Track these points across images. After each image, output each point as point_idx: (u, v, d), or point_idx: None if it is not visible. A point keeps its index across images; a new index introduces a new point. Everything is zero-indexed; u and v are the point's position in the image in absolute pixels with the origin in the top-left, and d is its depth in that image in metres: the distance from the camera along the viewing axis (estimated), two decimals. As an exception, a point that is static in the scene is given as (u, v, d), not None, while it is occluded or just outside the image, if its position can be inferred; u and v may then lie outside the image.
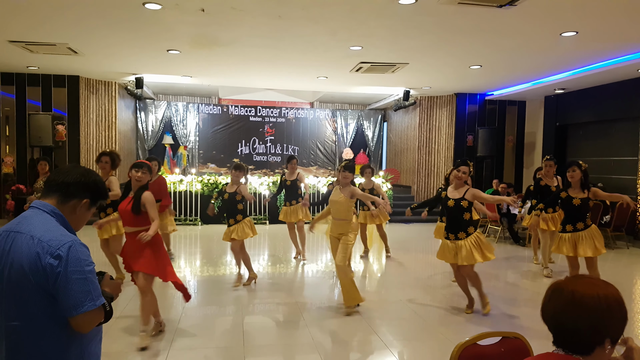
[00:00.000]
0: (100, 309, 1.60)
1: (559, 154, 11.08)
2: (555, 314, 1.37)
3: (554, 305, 1.38)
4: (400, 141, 13.91)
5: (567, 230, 5.03)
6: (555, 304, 1.37)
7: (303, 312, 4.84)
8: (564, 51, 7.49)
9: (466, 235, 4.64)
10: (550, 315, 1.39)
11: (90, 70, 9.82)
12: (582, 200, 4.91)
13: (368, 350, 4.04)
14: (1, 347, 1.58)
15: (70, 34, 6.97)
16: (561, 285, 1.39)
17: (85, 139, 10.64)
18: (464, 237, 4.63)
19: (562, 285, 1.39)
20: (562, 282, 1.41)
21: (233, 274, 6.63)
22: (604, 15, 5.72)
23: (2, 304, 1.57)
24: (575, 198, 4.92)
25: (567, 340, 1.35)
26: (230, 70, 9.52)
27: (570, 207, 4.99)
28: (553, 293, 1.40)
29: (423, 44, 7.20)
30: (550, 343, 1.42)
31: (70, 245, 1.57)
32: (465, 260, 4.58)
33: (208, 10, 5.75)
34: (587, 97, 10.20)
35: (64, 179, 1.71)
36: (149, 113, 13.49)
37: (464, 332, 4.40)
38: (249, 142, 14.23)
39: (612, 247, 8.73)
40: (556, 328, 1.38)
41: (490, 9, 5.50)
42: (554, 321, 1.38)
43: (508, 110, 12.33)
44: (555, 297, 1.38)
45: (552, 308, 1.38)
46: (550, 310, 1.39)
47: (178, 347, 3.94)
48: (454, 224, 4.70)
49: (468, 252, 4.58)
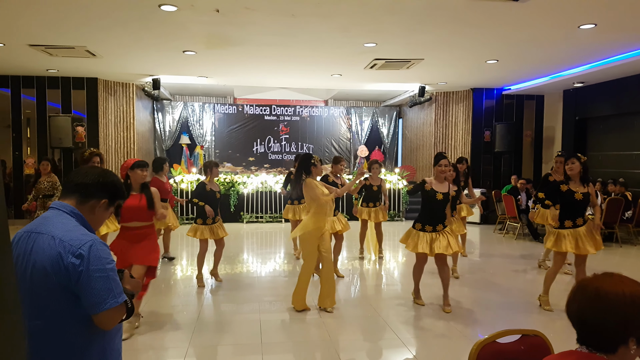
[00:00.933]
0: (122, 306, 1.63)
1: (579, 148, 10.85)
2: (580, 311, 1.36)
3: (578, 302, 1.37)
4: (415, 138, 13.80)
5: (565, 227, 4.77)
6: (580, 300, 1.36)
7: (319, 309, 4.85)
8: (583, 44, 7.33)
9: (443, 227, 4.81)
10: (575, 312, 1.37)
11: (108, 72, 9.98)
12: (584, 195, 4.70)
13: (385, 347, 4.03)
14: (24, 347, 1.62)
15: (88, 37, 7.10)
16: (586, 282, 1.38)
17: (104, 140, 10.83)
18: (441, 230, 4.79)
19: (587, 282, 1.38)
20: (587, 279, 1.40)
21: (250, 272, 6.68)
22: (624, 6, 5.58)
23: (25, 303, 1.60)
24: (577, 192, 4.70)
25: (590, 338, 1.34)
26: (244, 69, 9.57)
27: (571, 202, 4.73)
28: (578, 290, 1.39)
29: (437, 39, 7.13)
30: (572, 341, 1.40)
31: (91, 245, 1.60)
32: (445, 249, 4.70)
33: (222, 11, 5.79)
34: (607, 90, 9.96)
35: (82, 180, 1.74)
36: (166, 114, 13.65)
37: (483, 330, 4.36)
38: (264, 140, 14.29)
39: (635, 243, 8.53)
40: (580, 325, 1.36)
41: (505, 2, 5.41)
42: (578, 318, 1.36)
43: (526, 104, 12.12)
44: (580, 293, 1.37)
45: (576, 305, 1.37)
46: (575, 307, 1.38)
47: (197, 344, 4.00)
48: (437, 216, 4.80)
49: (447, 242, 4.73)
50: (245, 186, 11.06)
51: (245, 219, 10.93)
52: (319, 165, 4.72)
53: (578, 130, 11.03)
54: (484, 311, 4.92)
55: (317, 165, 4.69)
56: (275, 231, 10.07)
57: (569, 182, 4.79)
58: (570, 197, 4.73)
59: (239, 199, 10.99)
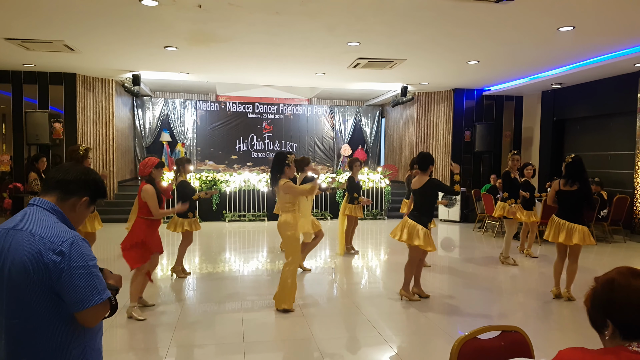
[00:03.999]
0: (106, 303, 1.61)
1: (557, 148, 11.10)
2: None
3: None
4: (398, 137, 13.91)
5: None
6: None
7: (302, 307, 4.85)
8: (561, 46, 7.49)
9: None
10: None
11: (87, 67, 9.78)
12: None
13: (367, 345, 4.06)
14: (1, 345, 1.58)
15: (67, 31, 6.94)
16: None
17: (83, 137, 10.61)
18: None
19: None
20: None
21: (232, 270, 6.64)
22: (601, 9, 5.72)
23: (2, 302, 1.57)
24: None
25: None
26: (227, 66, 9.49)
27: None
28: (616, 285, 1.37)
29: (420, 40, 7.20)
30: (550, 336, 1.43)
31: (72, 241, 1.57)
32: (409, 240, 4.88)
33: (205, 7, 5.73)
34: (584, 91, 10.21)
35: (64, 177, 1.71)
36: (147, 110, 13.46)
37: (464, 326, 4.43)
38: (247, 138, 14.21)
39: (610, 241, 8.77)
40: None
41: (488, 4, 5.49)
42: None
43: (505, 105, 12.34)
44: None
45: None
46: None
47: (178, 344, 3.95)
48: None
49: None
50: (227, 184, 10.98)
51: (227, 217, 10.85)
52: (293, 166, 4.70)
53: (556, 131, 11.27)
54: (466, 308, 4.99)
55: (291, 166, 4.66)
56: (258, 230, 10.03)
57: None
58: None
59: (222, 197, 10.90)
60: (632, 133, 9.02)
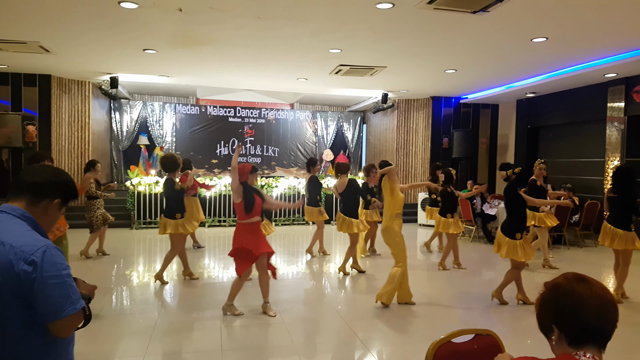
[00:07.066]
0: (80, 313, 1.56)
1: (531, 155, 11.38)
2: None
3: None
4: (379, 143, 14.05)
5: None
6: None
7: (282, 313, 4.85)
8: (535, 56, 7.71)
9: None
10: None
11: (63, 69, 9.59)
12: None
13: (346, 349, 4.08)
14: None
15: (42, 32, 6.80)
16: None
17: (57, 140, 10.38)
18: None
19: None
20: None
21: (211, 277, 6.58)
22: (572, 22, 5.93)
23: None
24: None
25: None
26: (208, 70, 9.44)
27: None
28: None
29: (401, 48, 7.31)
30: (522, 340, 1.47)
31: (44, 250, 1.52)
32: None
33: (186, 10, 5.71)
34: (557, 100, 10.52)
35: (34, 179, 1.66)
36: (124, 113, 13.24)
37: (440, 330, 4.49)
38: (229, 143, 14.12)
39: (582, 245, 9.02)
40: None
41: (465, 15, 5.63)
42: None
43: (482, 113, 12.61)
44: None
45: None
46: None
47: (154, 351, 3.90)
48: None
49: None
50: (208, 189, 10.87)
51: (207, 222, 10.75)
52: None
53: (530, 138, 11.58)
54: (442, 311, 5.06)
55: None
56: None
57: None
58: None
59: (201, 201, 10.78)
60: (602, 140, 9.33)
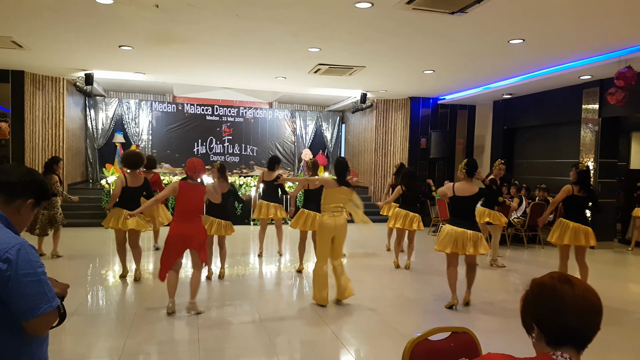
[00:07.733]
0: (56, 311, 1.56)
1: (507, 156, 11.60)
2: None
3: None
4: (358, 143, 14.11)
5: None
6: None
7: (261, 313, 4.82)
8: (512, 58, 7.87)
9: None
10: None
11: (37, 65, 9.32)
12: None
13: (325, 348, 4.08)
14: None
15: (15, 27, 6.60)
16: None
17: (31, 137, 10.09)
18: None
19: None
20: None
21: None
22: (549, 24, 6.07)
23: None
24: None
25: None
26: (186, 67, 9.32)
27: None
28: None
29: (379, 48, 7.35)
30: (497, 338, 1.50)
31: (19, 248, 1.51)
32: None
33: (163, 7, 5.62)
34: (532, 102, 10.75)
35: (7, 179, 1.64)
36: (99, 110, 12.97)
37: (417, 328, 4.54)
38: (206, 141, 13.97)
39: (555, 244, 9.24)
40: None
41: (443, 15, 5.70)
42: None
43: (459, 114, 12.80)
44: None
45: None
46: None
47: (128, 353, 3.82)
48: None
49: None
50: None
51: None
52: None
53: (506, 139, 11.81)
54: (420, 309, 5.12)
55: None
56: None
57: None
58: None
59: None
60: (577, 142, 9.57)
